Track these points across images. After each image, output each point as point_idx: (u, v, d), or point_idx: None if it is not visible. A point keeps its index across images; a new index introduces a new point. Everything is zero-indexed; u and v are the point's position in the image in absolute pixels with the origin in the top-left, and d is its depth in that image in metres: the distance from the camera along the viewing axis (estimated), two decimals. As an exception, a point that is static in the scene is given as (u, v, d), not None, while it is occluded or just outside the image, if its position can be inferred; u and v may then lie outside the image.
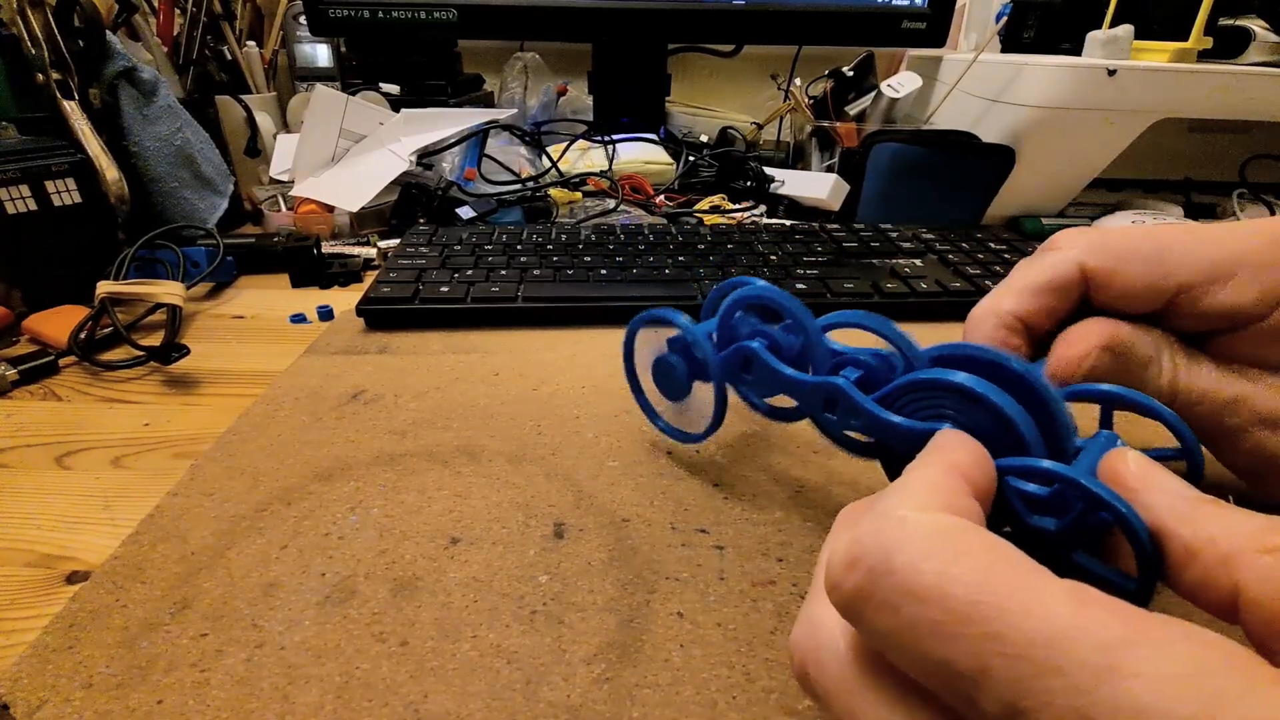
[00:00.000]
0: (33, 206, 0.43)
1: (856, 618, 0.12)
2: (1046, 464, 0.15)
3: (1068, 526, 0.15)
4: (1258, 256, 0.20)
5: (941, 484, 0.14)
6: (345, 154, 0.63)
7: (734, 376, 0.26)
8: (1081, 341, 0.21)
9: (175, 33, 0.64)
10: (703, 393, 0.27)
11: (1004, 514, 0.16)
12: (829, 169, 0.69)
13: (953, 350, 0.20)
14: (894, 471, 0.22)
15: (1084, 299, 0.22)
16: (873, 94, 0.72)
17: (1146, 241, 0.21)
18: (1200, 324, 0.21)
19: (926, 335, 0.21)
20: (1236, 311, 0.20)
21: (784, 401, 0.25)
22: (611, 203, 0.64)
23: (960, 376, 0.18)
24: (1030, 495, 0.16)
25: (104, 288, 0.40)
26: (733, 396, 0.27)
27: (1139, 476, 0.14)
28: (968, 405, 0.18)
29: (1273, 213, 0.62)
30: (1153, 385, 0.21)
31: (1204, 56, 0.57)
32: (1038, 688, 0.10)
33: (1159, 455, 0.16)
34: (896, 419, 0.19)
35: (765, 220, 0.65)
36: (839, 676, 0.13)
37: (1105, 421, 0.21)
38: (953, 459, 0.15)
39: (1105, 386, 0.20)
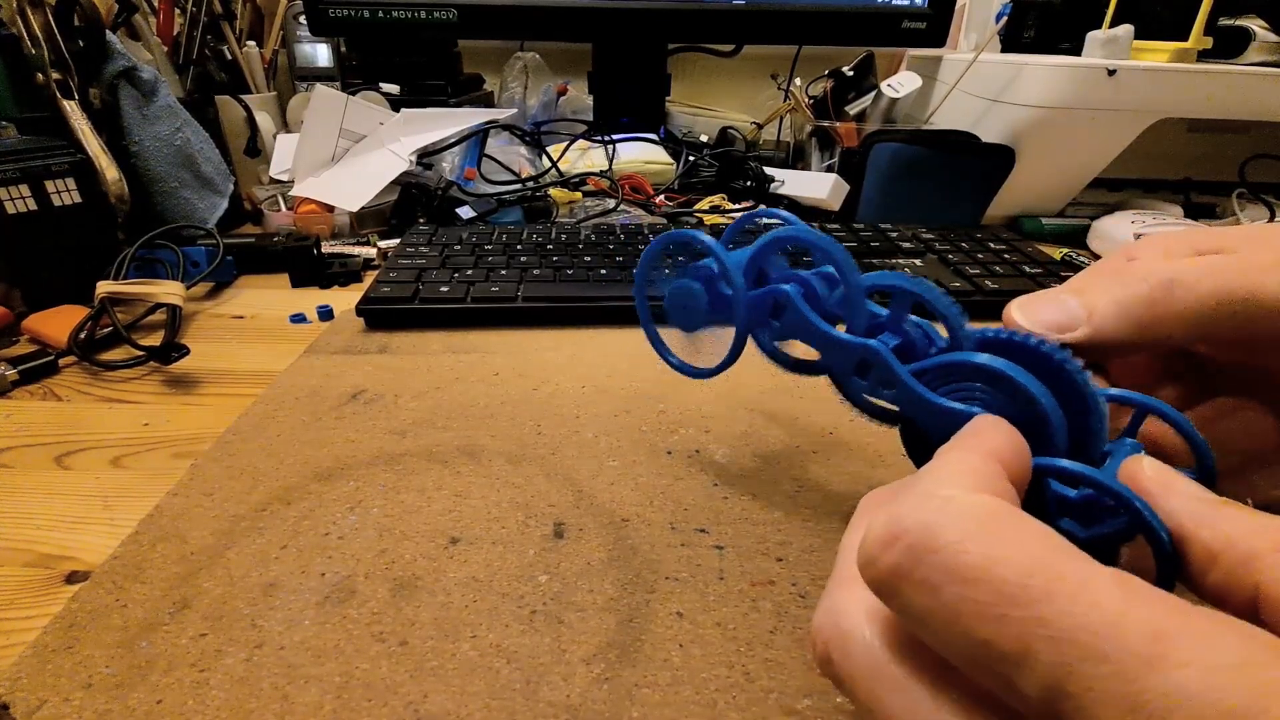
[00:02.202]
0: (33, 206, 0.43)
1: (891, 595, 0.12)
2: (1072, 465, 0.15)
3: (1094, 535, 0.15)
4: None
5: (981, 469, 0.14)
6: (345, 154, 0.63)
7: (759, 319, 0.24)
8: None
9: (175, 33, 0.64)
10: (717, 325, 0.25)
11: (1034, 510, 0.16)
12: (829, 169, 0.69)
13: (1000, 336, 0.19)
14: (914, 446, 0.22)
15: None
16: (873, 94, 0.72)
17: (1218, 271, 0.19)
18: None
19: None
20: None
21: (802, 351, 0.23)
22: (611, 203, 0.64)
23: (1006, 364, 0.17)
24: (1062, 497, 0.16)
25: (104, 288, 0.40)
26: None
27: (1157, 480, 0.14)
28: (1005, 394, 0.17)
29: (1272, 213, 0.62)
30: None
31: (1204, 56, 0.57)
32: (1084, 673, 0.10)
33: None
34: (937, 398, 0.18)
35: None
36: (864, 661, 0.13)
37: (1132, 430, 0.20)
38: (992, 445, 0.15)
39: (1140, 396, 0.19)
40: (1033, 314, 0.19)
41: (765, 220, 0.25)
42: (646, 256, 0.27)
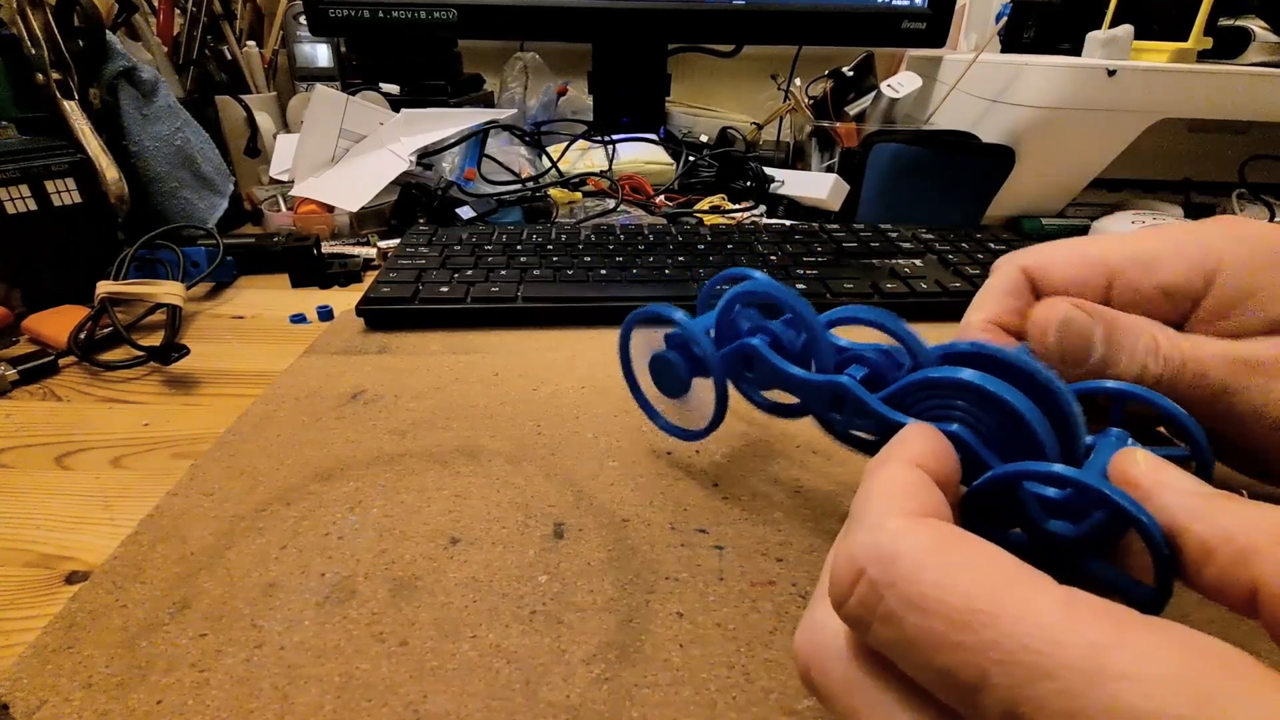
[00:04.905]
0: (33, 206, 0.43)
1: (864, 631, 0.13)
2: (1059, 468, 0.15)
3: (1084, 533, 0.15)
4: (1172, 243, 0.21)
5: (907, 480, 0.14)
6: (345, 154, 0.63)
7: (735, 374, 0.25)
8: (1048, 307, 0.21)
9: (175, 33, 0.64)
10: (702, 389, 0.26)
11: (1019, 518, 0.16)
12: (829, 169, 0.69)
13: (961, 348, 0.19)
14: None
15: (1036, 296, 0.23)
16: (873, 94, 0.72)
17: (1071, 242, 0.23)
18: (1147, 310, 0.21)
19: (927, 335, 0.21)
20: (1172, 288, 0.20)
21: (787, 397, 0.24)
22: (611, 203, 0.64)
23: (971, 374, 0.17)
24: (1046, 499, 0.16)
25: (104, 288, 0.40)
26: (733, 392, 0.26)
27: (1150, 476, 0.14)
28: (979, 404, 0.17)
29: (1272, 213, 0.62)
30: (1142, 356, 0.20)
31: (1204, 56, 0.57)
32: (1032, 693, 0.10)
33: (1167, 455, 0.16)
34: (908, 421, 0.19)
35: (765, 220, 0.65)
36: (841, 678, 0.13)
37: (1115, 419, 0.20)
38: (910, 452, 0.15)
39: (1115, 384, 0.19)
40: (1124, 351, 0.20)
41: (735, 278, 0.27)
42: (624, 333, 0.28)
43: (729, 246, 0.51)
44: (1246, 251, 0.19)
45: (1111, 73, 0.54)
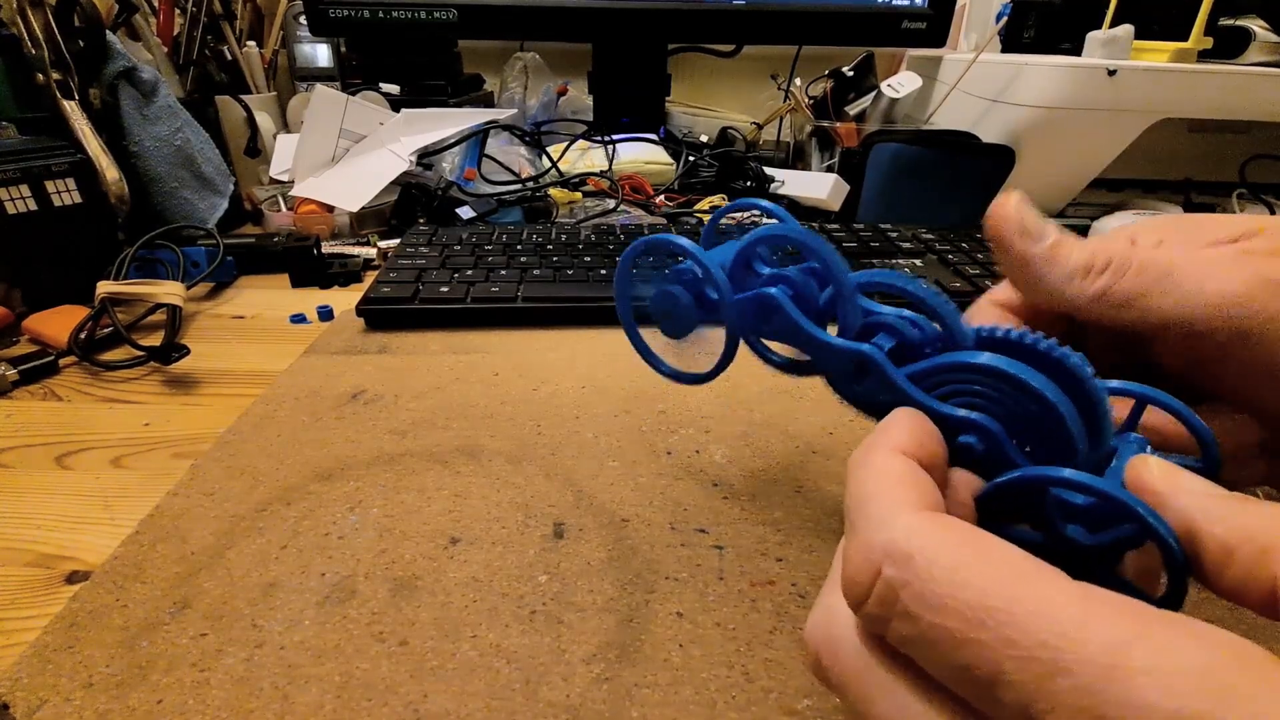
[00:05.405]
0: (33, 206, 0.43)
1: (881, 628, 0.13)
2: (1090, 479, 0.14)
3: (1101, 543, 0.15)
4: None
5: (899, 472, 0.14)
6: (345, 154, 0.63)
7: (748, 323, 0.23)
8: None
9: (175, 33, 0.64)
10: (707, 328, 0.24)
11: (1036, 518, 0.16)
12: (829, 169, 0.69)
13: (998, 334, 0.18)
14: None
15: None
16: (873, 94, 0.72)
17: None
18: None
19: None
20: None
21: (795, 353, 0.22)
22: (611, 203, 0.64)
23: (1020, 368, 0.17)
24: (1068, 504, 0.16)
25: (104, 288, 0.40)
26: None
27: (1165, 480, 0.14)
28: (1018, 398, 0.17)
29: (1272, 213, 0.62)
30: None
31: (1204, 56, 0.57)
32: (1048, 689, 0.10)
33: (1180, 464, 0.16)
34: (937, 405, 0.18)
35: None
36: (855, 667, 0.14)
37: (1132, 423, 0.20)
38: (895, 440, 0.15)
39: (1139, 386, 0.19)
40: (1064, 259, 0.19)
41: (751, 212, 0.25)
42: (623, 264, 0.25)
43: (729, 246, 0.51)
44: (1150, 220, 0.20)
45: (1112, 73, 0.54)
